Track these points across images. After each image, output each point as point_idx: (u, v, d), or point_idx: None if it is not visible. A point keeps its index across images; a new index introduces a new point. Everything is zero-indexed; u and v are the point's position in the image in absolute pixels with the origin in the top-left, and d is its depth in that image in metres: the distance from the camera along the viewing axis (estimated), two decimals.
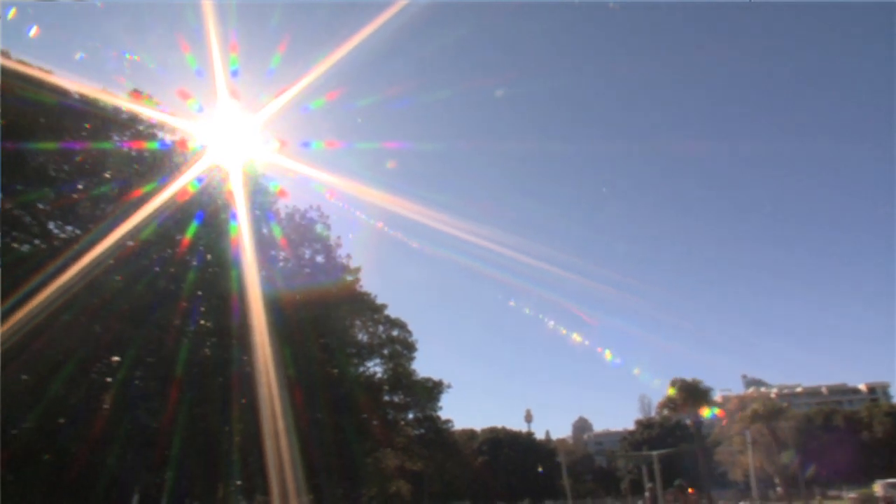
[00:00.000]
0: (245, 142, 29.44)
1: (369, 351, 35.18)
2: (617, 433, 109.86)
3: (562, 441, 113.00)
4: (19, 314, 22.13)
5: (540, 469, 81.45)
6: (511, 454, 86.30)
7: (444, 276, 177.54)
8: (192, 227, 26.74)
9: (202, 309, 27.54)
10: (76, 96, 24.75)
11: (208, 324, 28.01)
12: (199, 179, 27.36)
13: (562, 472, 73.85)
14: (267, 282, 28.22)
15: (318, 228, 29.86)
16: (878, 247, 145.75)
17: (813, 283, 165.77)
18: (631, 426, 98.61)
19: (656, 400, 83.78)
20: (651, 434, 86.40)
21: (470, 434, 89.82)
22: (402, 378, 37.06)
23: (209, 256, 27.79)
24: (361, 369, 35.27)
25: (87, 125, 25.08)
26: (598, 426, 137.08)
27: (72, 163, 25.78)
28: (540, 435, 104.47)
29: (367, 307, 33.69)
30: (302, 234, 29.65)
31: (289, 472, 25.92)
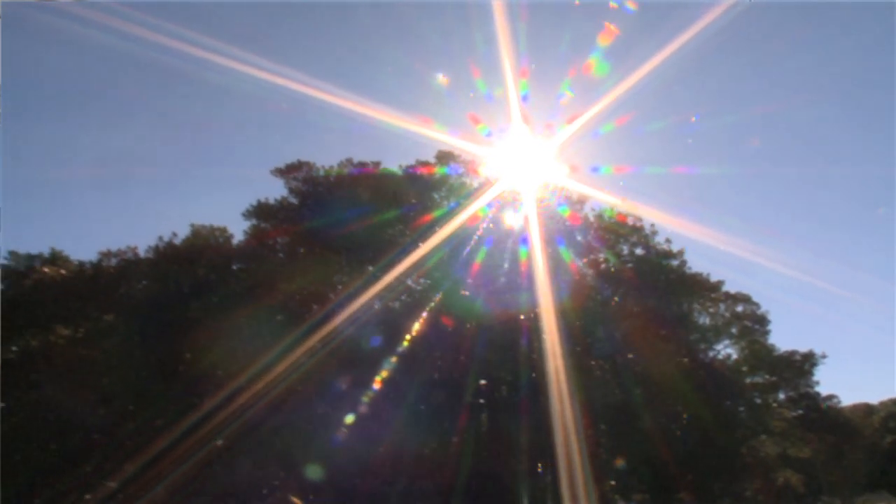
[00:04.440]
0: (536, 166, 30.59)
1: (715, 333, 32.59)
2: None
3: None
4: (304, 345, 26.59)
5: None
6: None
7: None
8: (482, 252, 28.60)
9: (492, 331, 28.33)
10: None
11: (497, 345, 28.72)
12: (489, 204, 29.39)
13: None
14: (576, 295, 28.52)
15: (630, 220, 29.34)
16: None
17: None
18: None
19: None
20: None
21: (865, 409, 74.37)
22: (760, 356, 33.28)
23: (500, 280, 29.25)
24: (711, 354, 32.90)
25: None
26: None
27: (358, 188, 29.95)
28: None
29: (701, 287, 31.41)
30: (615, 232, 29.58)
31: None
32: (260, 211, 30.20)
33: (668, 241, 29.95)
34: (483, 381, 28.66)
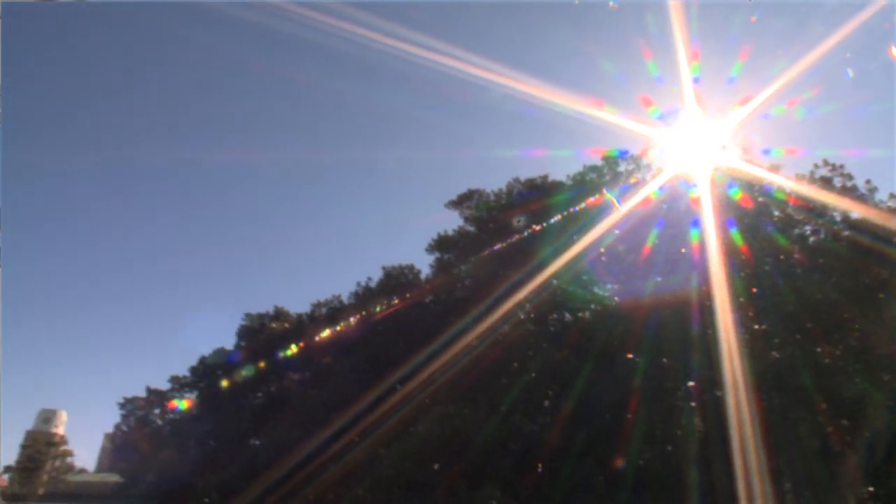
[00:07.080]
0: (707, 148, 29.78)
1: None
2: None
3: None
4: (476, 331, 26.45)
5: None
6: None
7: None
8: (653, 235, 27.75)
9: (662, 316, 27.11)
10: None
11: (668, 330, 27.21)
12: (661, 187, 28.85)
13: None
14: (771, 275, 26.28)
15: (837, 182, 26.21)
16: None
17: None
18: None
19: None
20: None
21: None
22: None
23: (671, 263, 27.78)
24: None
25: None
26: None
27: (530, 204, 30.22)
28: None
29: None
30: (821, 195, 26.64)
31: None
32: (441, 243, 32.28)
33: (892, 195, 25.80)
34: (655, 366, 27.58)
